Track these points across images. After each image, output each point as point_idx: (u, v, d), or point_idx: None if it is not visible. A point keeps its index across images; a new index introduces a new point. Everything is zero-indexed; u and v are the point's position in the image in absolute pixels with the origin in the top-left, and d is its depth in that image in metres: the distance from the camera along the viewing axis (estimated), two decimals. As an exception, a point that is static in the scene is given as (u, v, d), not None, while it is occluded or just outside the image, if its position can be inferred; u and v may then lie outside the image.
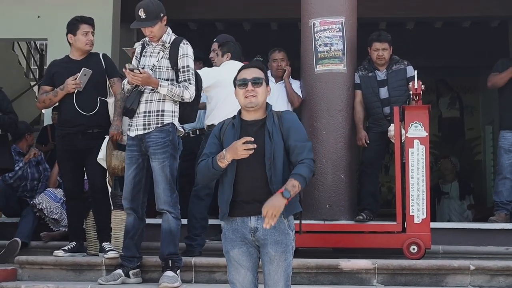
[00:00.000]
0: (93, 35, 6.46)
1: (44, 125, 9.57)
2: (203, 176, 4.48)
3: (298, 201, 4.43)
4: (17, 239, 6.53)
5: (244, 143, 4.21)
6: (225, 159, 4.26)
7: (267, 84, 4.54)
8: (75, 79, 6.20)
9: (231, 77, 4.59)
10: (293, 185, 4.21)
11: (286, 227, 4.34)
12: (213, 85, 6.55)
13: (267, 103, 4.53)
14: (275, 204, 4.14)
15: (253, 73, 4.49)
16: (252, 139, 4.24)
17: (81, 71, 6.21)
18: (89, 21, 6.50)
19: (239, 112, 4.52)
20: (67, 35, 6.51)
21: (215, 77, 6.58)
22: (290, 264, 4.37)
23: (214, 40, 7.47)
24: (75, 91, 6.23)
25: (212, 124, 6.47)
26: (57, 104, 6.45)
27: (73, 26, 6.50)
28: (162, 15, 5.76)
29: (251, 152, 4.22)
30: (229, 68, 6.40)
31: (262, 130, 4.38)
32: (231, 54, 6.91)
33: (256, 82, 4.45)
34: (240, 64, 5.48)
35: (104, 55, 6.61)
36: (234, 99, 4.56)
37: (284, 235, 4.33)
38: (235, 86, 4.53)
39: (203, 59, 7.68)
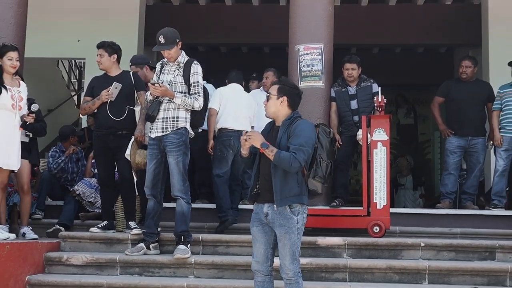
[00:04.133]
0: (102, 57, 6.34)
1: (82, 127, 9.54)
2: (242, 161, 4.68)
3: (302, 195, 4.40)
4: (61, 228, 6.43)
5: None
6: (241, 150, 4.49)
7: (284, 95, 4.48)
8: (108, 91, 6.18)
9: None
10: (272, 149, 4.29)
11: (288, 213, 4.34)
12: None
13: (293, 113, 4.50)
14: (255, 134, 4.37)
15: (270, 89, 4.58)
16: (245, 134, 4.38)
17: (113, 84, 6.20)
18: (98, 46, 6.40)
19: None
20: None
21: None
22: (296, 242, 4.36)
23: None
24: (109, 101, 6.20)
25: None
26: (95, 111, 6.39)
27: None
28: (178, 40, 5.74)
29: (247, 144, 4.36)
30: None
31: (276, 135, 4.45)
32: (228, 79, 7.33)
33: (267, 97, 4.53)
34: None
35: (134, 73, 6.53)
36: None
37: (287, 219, 4.34)
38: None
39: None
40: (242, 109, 6.99)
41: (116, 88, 6.19)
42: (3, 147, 5.54)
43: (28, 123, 5.81)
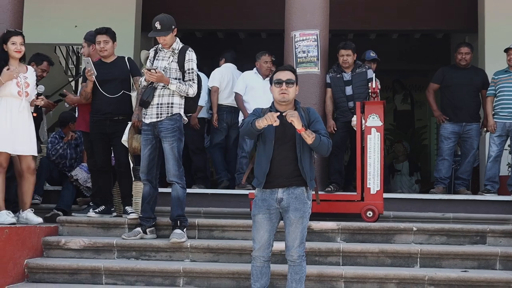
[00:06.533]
0: (107, 44, 6.30)
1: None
2: (246, 132, 4.53)
3: (314, 180, 4.53)
4: (60, 213, 6.50)
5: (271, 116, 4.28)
6: (260, 121, 4.30)
7: (297, 84, 4.56)
8: (87, 72, 6.13)
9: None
10: (311, 132, 4.34)
11: (305, 198, 4.44)
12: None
13: (295, 100, 4.58)
14: (296, 114, 4.30)
15: (287, 75, 4.52)
16: (278, 114, 4.30)
17: (84, 63, 6.17)
18: (101, 31, 6.35)
19: (273, 104, 4.57)
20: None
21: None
22: (306, 226, 4.46)
23: None
24: (104, 86, 6.20)
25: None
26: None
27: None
28: (173, 27, 5.72)
29: (277, 123, 4.28)
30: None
31: (285, 120, 4.37)
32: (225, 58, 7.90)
33: (289, 82, 4.50)
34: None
35: (129, 58, 6.52)
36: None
37: (303, 204, 4.43)
38: (271, 84, 4.57)
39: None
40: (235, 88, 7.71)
41: (88, 63, 6.17)
42: (7, 133, 5.60)
43: (40, 106, 5.84)
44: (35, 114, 5.85)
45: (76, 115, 7.01)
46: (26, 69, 5.89)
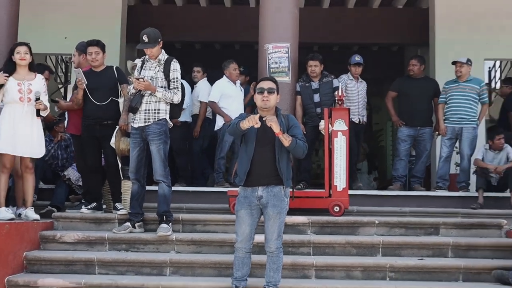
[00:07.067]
0: (98, 54, 6.31)
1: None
2: (232, 131, 4.60)
3: (291, 179, 4.60)
4: (54, 209, 6.45)
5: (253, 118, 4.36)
6: (243, 123, 4.37)
7: (278, 93, 4.62)
8: (79, 81, 6.16)
9: None
10: (288, 135, 4.40)
11: (282, 195, 4.50)
12: None
13: (276, 107, 4.63)
14: (274, 119, 4.37)
15: (269, 84, 4.58)
16: (258, 115, 4.40)
17: (75, 72, 6.18)
18: (93, 43, 6.35)
19: (256, 110, 4.64)
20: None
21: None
22: (283, 221, 4.50)
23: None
24: (94, 94, 6.19)
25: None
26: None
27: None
28: (159, 40, 5.72)
29: (258, 125, 4.35)
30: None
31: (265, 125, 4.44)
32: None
33: (270, 91, 4.55)
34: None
35: (117, 68, 6.51)
36: None
37: (280, 201, 4.48)
38: (254, 93, 4.64)
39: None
40: None
41: (78, 73, 6.20)
42: (8, 136, 5.59)
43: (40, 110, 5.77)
44: (38, 118, 5.79)
45: (66, 119, 6.98)
46: (35, 77, 5.86)
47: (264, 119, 4.42)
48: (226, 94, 7.56)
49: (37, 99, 5.73)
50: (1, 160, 5.67)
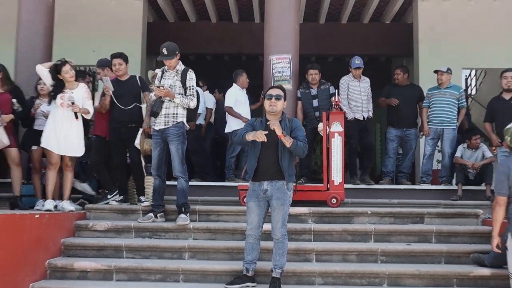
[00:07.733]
0: (121, 65, 6.31)
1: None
2: (238, 141, 4.66)
3: (294, 175, 4.63)
4: (86, 201, 6.49)
5: (260, 134, 4.39)
6: (250, 136, 4.44)
7: (285, 99, 4.64)
8: (106, 88, 6.20)
9: None
10: (289, 137, 4.41)
11: (285, 189, 4.52)
12: None
13: (283, 112, 4.65)
14: (277, 123, 4.39)
15: (277, 91, 4.62)
16: (266, 132, 4.39)
17: (104, 81, 6.21)
18: (116, 56, 6.35)
19: (265, 114, 4.67)
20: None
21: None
22: (286, 211, 4.52)
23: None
24: (120, 100, 6.23)
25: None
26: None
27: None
28: (177, 52, 5.73)
29: (263, 140, 4.39)
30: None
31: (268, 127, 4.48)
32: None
33: (277, 97, 4.59)
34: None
35: (140, 77, 6.53)
36: None
37: (283, 193, 4.50)
38: (264, 99, 4.68)
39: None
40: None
41: (106, 81, 6.22)
42: (52, 136, 5.68)
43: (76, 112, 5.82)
44: (77, 120, 5.84)
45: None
46: (77, 86, 5.94)
47: (268, 123, 4.49)
48: (238, 100, 7.53)
49: (72, 103, 5.79)
50: (48, 158, 5.78)
